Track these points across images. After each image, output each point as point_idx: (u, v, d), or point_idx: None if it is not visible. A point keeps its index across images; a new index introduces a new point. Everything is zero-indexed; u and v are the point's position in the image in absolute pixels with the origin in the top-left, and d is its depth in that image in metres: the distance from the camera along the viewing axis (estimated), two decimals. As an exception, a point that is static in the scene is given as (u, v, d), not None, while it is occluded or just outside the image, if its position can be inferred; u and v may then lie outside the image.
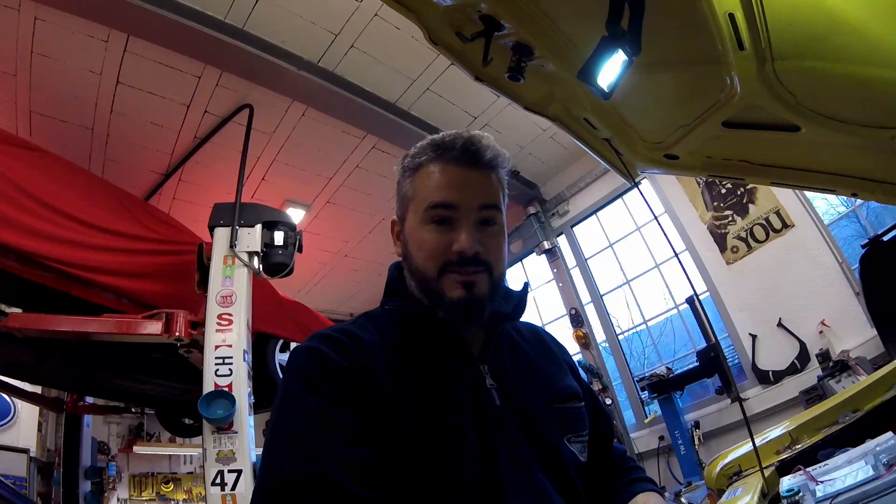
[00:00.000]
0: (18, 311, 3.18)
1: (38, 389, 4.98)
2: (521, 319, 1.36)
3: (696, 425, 5.61)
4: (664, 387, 5.65)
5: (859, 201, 5.50)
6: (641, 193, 2.06)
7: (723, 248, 5.87)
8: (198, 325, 3.53)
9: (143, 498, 7.39)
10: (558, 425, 1.19)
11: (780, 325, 5.36)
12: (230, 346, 3.38)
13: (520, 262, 7.88)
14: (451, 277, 1.11)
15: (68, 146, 5.06)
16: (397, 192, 1.24)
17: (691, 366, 5.73)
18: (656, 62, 1.56)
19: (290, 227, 4.05)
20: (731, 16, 1.28)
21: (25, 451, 5.56)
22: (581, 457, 1.20)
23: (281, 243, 3.93)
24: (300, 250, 4.06)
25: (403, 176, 1.22)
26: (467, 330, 1.19)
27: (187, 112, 5.29)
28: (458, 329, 1.17)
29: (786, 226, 5.46)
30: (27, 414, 5.83)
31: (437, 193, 1.13)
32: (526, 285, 1.33)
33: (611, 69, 1.36)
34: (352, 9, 4.65)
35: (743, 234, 5.73)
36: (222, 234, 3.79)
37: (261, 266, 3.83)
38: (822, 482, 1.81)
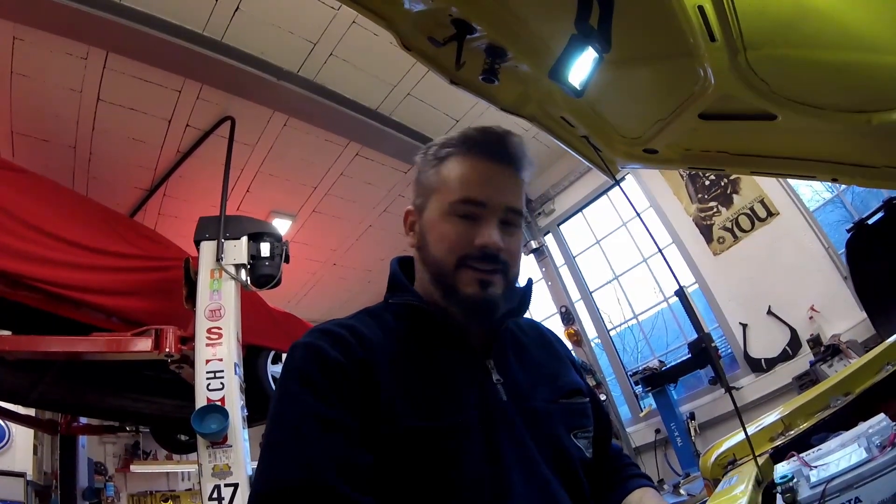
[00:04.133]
0: (7, 333, 3.16)
1: (31, 412, 4.93)
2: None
3: (692, 416, 5.64)
4: (658, 380, 5.68)
5: (844, 186, 5.54)
6: (622, 189, 2.07)
7: (709, 240, 5.90)
8: (187, 340, 3.51)
9: (143, 517, 7.36)
10: (565, 421, 1.18)
11: (769, 312, 5.39)
12: (221, 359, 3.37)
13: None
14: (467, 273, 1.09)
15: (51, 166, 5.04)
16: (417, 181, 1.23)
17: (684, 358, 5.76)
18: (628, 58, 1.57)
19: (276, 238, 4.04)
20: (701, 8, 1.29)
21: (22, 475, 5.50)
22: (587, 453, 1.19)
23: (267, 255, 3.92)
24: (287, 261, 4.04)
25: (426, 165, 1.20)
26: (472, 325, 1.17)
27: (169, 127, 5.26)
28: (464, 325, 1.15)
29: (771, 214, 5.50)
30: (22, 437, 5.77)
31: (468, 189, 1.12)
32: (530, 281, 1.32)
33: (582, 67, 1.36)
34: (329, 17, 4.64)
35: (728, 225, 5.76)
36: (208, 247, 3.77)
37: (248, 278, 3.81)
38: (815, 467, 1.82)
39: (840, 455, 1.79)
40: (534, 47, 1.61)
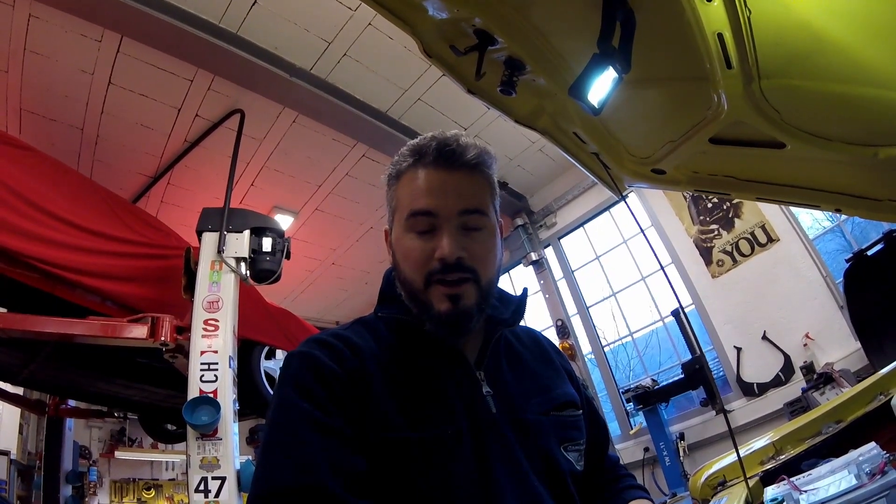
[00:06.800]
0: (2, 310, 3.16)
1: (19, 391, 4.91)
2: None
3: (681, 437, 5.64)
4: (649, 398, 5.69)
5: (844, 216, 5.56)
6: (629, 207, 2.07)
7: (708, 262, 5.92)
8: (183, 330, 3.50)
9: (124, 504, 7.33)
10: (556, 434, 1.17)
11: (764, 337, 5.41)
12: (216, 351, 3.35)
13: (507, 273, 7.90)
14: (437, 289, 1.08)
15: (57, 145, 5.06)
16: (386, 201, 1.22)
17: (676, 378, 5.76)
18: (645, 78, 1.58)
19: (278, 234, 4.03)
20: (720, 35, 1.30)
21: (6, 453, 5.49)
22: (578, 465, 1.19)
23: (269, 250, 3.91)
24: (288, 257, 4.04)
25: (388, 185, 1.20)
26: (449, 339, 1.16)
27: (178, 115, 5.28)
28: (447, 339, 1.15)
29: (771, 240, 5.52)
30: (8, 416, 5.75)
31: (415, 201, 1.11)
32: (525, 291, 1.32)
33: (601, 86, 1.37)
34: (346, 17, 4.67)
35: (728, 248, 5.78)
36: (210, 239, 3.76)
37: (248, 272, 3.81)
38: (805, 491, 1.84)
39: (830, 481, 1.81)
40: (553, 63, 1.62)
